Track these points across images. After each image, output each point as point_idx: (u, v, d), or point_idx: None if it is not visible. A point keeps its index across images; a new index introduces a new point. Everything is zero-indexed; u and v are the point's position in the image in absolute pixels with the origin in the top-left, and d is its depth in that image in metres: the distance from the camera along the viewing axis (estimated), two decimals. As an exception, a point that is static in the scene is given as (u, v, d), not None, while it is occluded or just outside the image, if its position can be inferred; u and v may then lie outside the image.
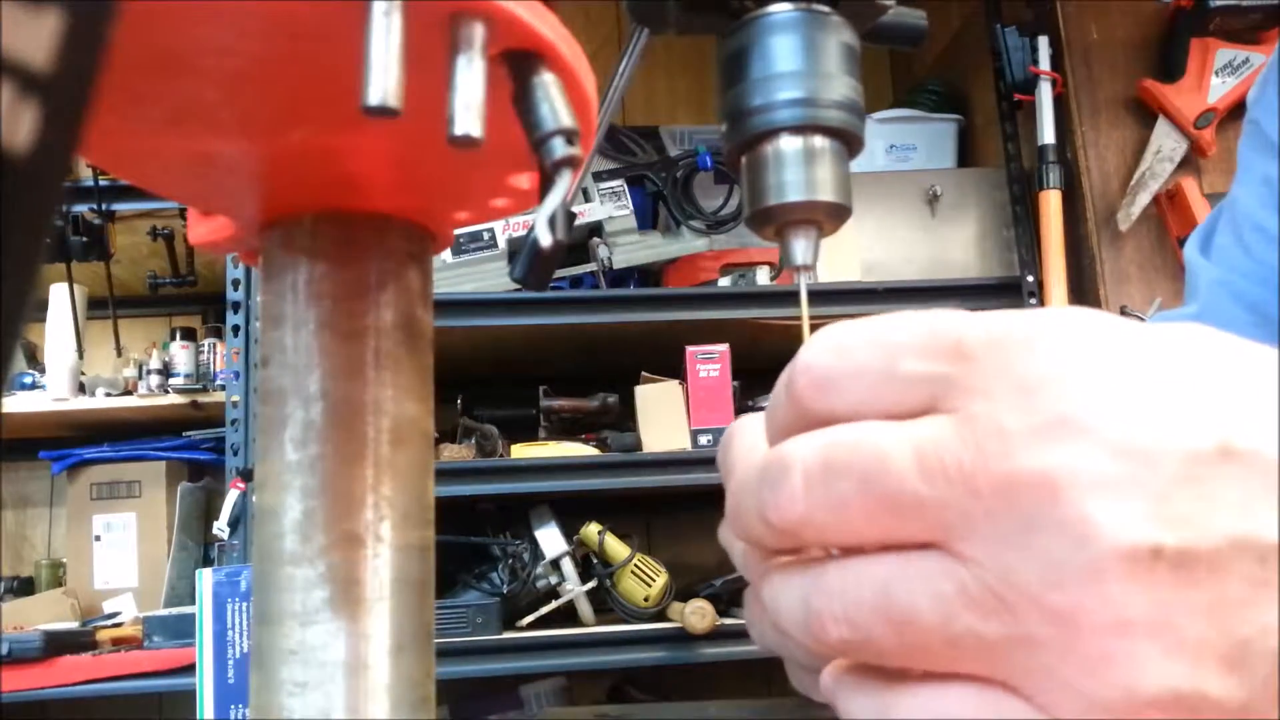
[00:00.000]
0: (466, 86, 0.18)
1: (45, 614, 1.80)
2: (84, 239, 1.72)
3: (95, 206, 1.69)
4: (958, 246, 1.76)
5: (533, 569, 1.55)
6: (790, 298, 1.59)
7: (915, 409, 0.23)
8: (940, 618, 0.22)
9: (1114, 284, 1.65)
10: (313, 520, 0.25)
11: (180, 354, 1.95)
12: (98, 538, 1.97)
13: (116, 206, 1.71)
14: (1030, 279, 1.69)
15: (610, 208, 1.73)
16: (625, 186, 1.76)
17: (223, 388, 1.78)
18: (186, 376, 1.93)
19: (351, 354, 0.26)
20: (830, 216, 0.33)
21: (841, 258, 1.70)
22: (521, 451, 1.58)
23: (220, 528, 1.55)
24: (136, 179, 0.26)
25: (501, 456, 1.61)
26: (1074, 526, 0.20)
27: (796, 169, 0.32)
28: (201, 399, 1.89)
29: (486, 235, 1.64)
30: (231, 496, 1.56)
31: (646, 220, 1.83)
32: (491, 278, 1.62)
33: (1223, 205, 0.62)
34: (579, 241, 1.70)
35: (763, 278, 1.72)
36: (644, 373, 1.64)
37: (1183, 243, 0.66)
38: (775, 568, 0.26)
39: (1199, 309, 0.60)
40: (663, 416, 1.59)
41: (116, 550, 1.97)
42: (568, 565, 1.54)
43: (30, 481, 2.16)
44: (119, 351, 1.90)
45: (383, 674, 0.25)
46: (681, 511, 1.90)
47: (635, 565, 1.55)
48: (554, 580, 1.55)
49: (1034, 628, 0.21)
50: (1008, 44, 1.74)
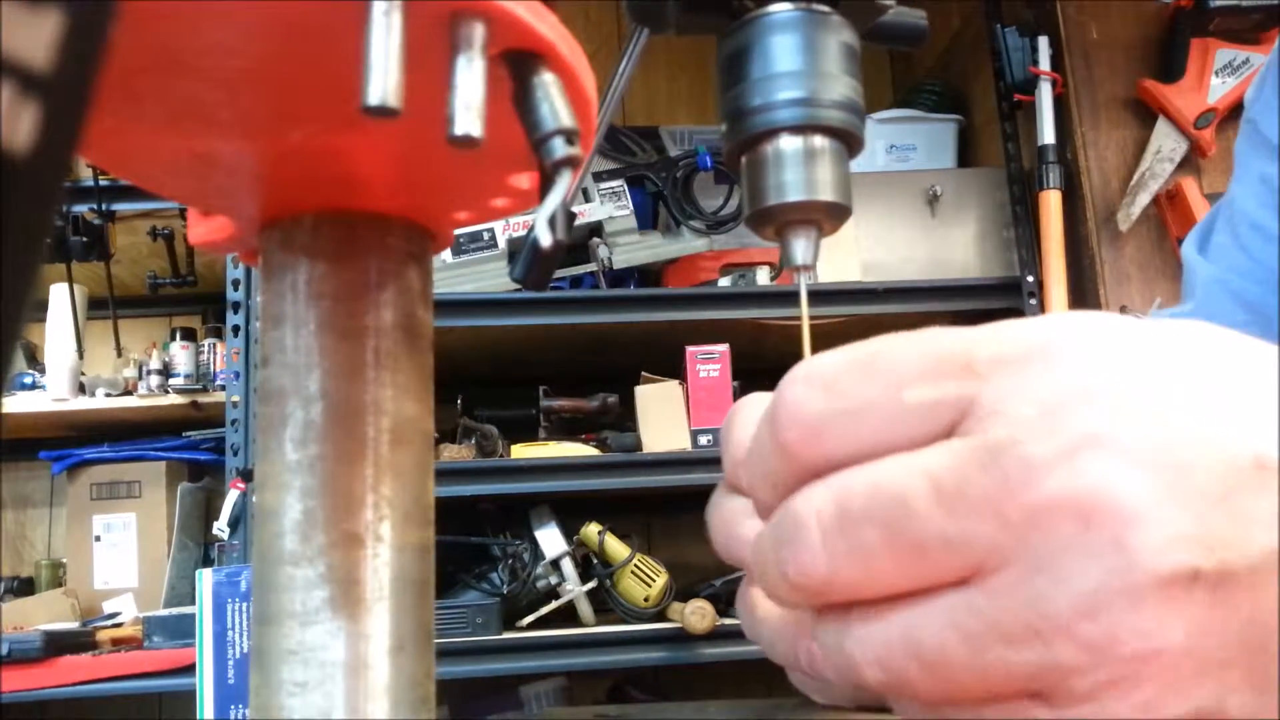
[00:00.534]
0: (466, 86, 0.18)
1: (45, 614, 1.79)
2: (84, 239, 1.72)
3: (95, 206, 1.69)
4: (958, 246, 1.76)
5: (533, 569, 1.55)
6: (790, 298, 1.59)
7: (927, 440, 0.22)
8: (970, 654, 0.21)
9: (1114, 284, 1.65)
10: (313, 520, 0.25)
11: (180, 354, 1.95)
12: (98, 538, 1.97)
13: (116, 206, 1.71)
14: (1030, 279, 1.69)
15: (610, 208, 1.73)
16: (625, 186, 1.76)
17: (223, 388, 1.78)
18: (186, 377, 1.93)
19: (351, 354, 0.26)
20: (830, 216, 0.33)
21: (841, 258, 1.70)
22: (521, 451, 1.58)
23: (220, 528, 1.55)
24: (136, 179, 0.26)
25: (501, 456, 1.61)
26: (1111, 552, 0.20)
27: (796, 169, 0.32)
28: (201, 399, 1.89)
29: (486, 235, 1.64)
30: (231, 496, 1.56)
31: (646, 220, 1.83)
32: (491, 278, 1.62)
33: (1221, 204, 0.62)
34: (579, 241, 1.70)
35: (763, 278, 1.72)
36: (644, 373, 1.64)
37: (1183, 243, 0.66)
38: (812, 616, 0.25)
39: (1195, 307, 0.61)
40: (663, 416, 1.59)
41: (116, 550, 1.97)
42: (568, 565, 1.54)
43: (30, 481, 2.16)
44: (119, 351, 1.90)
45: (383, 674, 0.25)
46: (681, 512, 1.90)
47: (635, 565, 1.55)
48: (554, 580, 1.55)
49: (1065, 655, 0.20)
50: (1008, 44, 1.74)
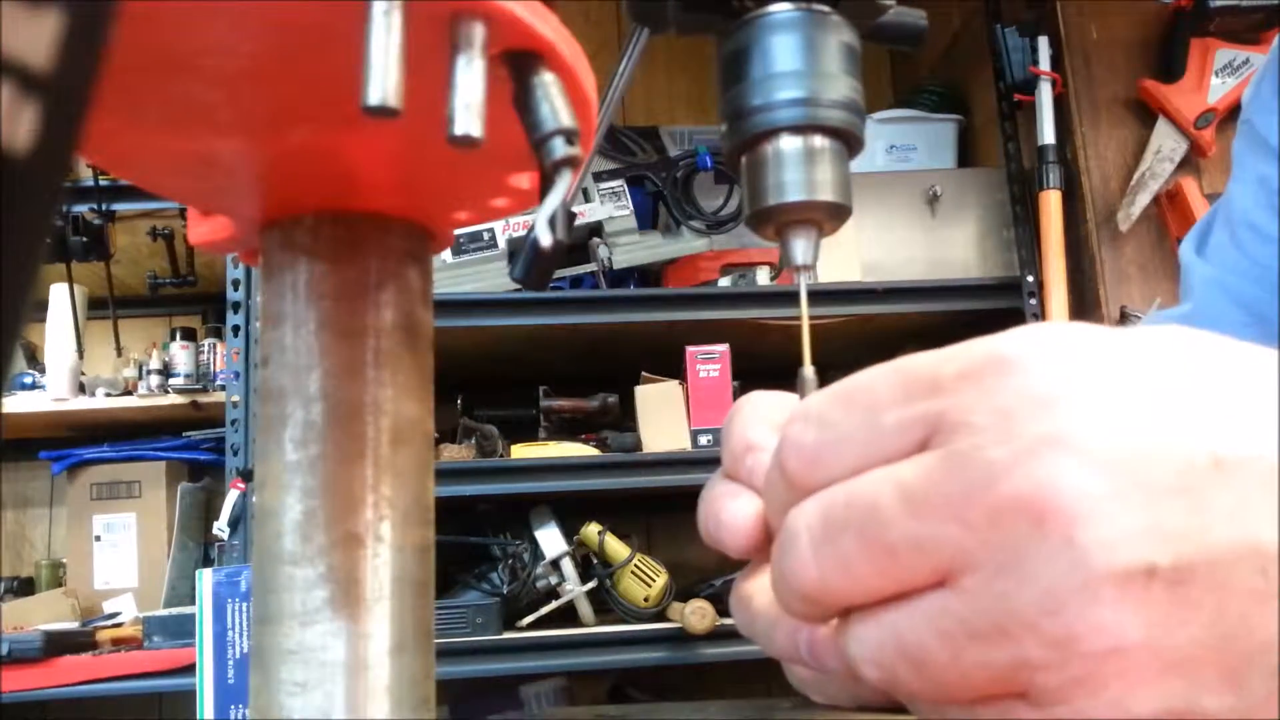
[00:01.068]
0: (466, 86, 0.18)
1: (45, 614, 1.79)
2: (84, 239, 1.72)
3: (95, 206, 1.69)
4: (958, 246, 1.76)
5: (533, 569, 1.55)
6: (790, 298, 1.59)
7: (904, 457, 0.23)
8: (950, 654, 0.22)
9: (1114, 284, 1.65)
10: (313, 520, 0.25)
11: (180, 354, 1.95)
12: (98, 538, 1.97)
13: (116, 206, 1.71)
14: (1030, 279, 1.69)
15: (610, 208, 1.73)
16: (625, 186, 1.76)
17: (223, 388, 1.78)
18: (186, 376, 1.93)
19: (351, 354, 0.26)
20: (830, 216, 0.33)
21: (841, 258, 1.70)
22: (521, 452, 1.58)
23: (220, 528, 1.55)
24: (136, 179, 0.26)
25: (501, 457, 1.61)
26: (1064, 550, 0.20)
27: (796, 169, 0.32)
28: (201, 399, 1.89)
29: (486, 235, 1.64)
30: (231, 496, 1.56)
31: (646, 220, 1.83)
32: (491, 278, 1.62)
33: (1218, 204, 0.62)
34: (579, 241, 1.70)
35: (763, 278, 1.72)
36: (644, 373, 1.64)
37: (1185, 237, 0.66)
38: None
39: (1192, 308, 0.61)
40: (663, 417, 1.59)
41: (116, 550, 1.97)
42: (568, 565, 1.54)
43: (30, 481, 2.16)
44: (119, 351, 1.90)
45: (383, 674, 0.25)
46: (681, 512, 1.90)
47: (635, 565, 1.55)
48: (554, 580, 1.55)
49: (1033, 652, 0.21)
50: (1008, 44, 1.74)
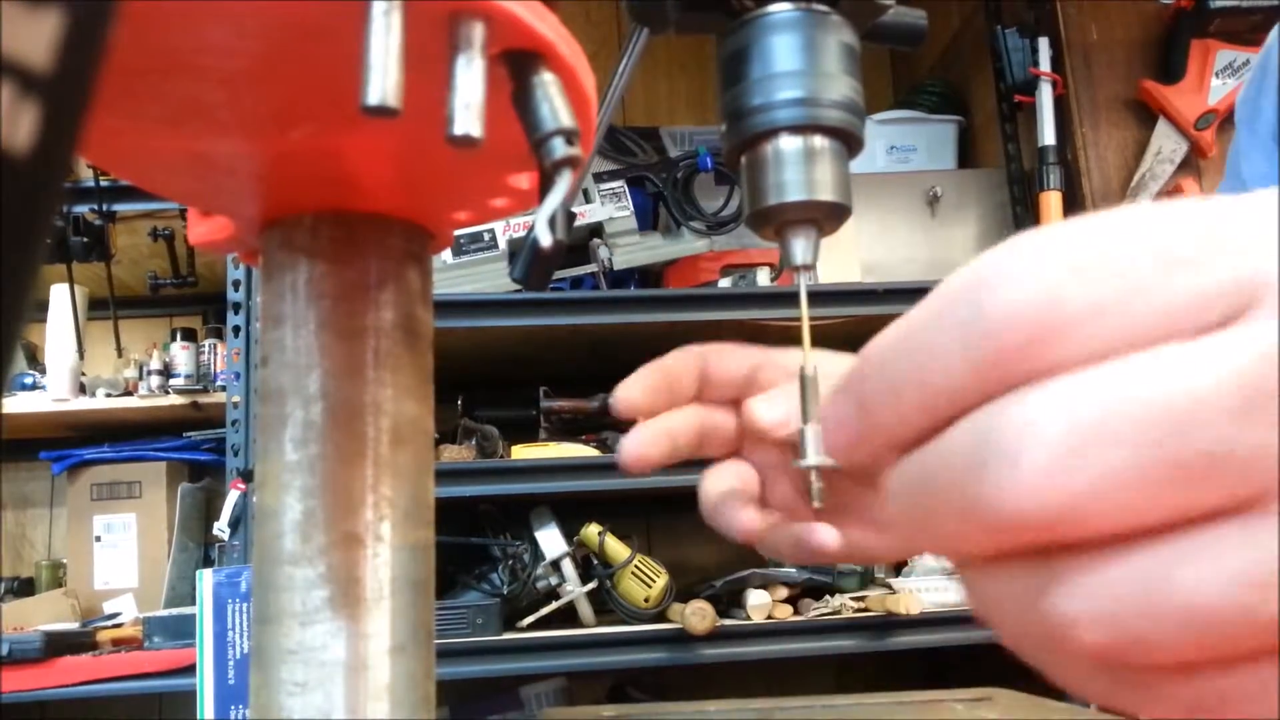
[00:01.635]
0: (466, 86, 0.18)
1: (45, 614, 1.79)
2: (84, 239, 1.72)
3: (95, 207, 1.69)
4: (958, 247, 1.76)
5: (533, 570, 1.55)
6: (790, 298, 1.59)
7: (1195, 336, 0.17)
8: (1249, 603, 0.16)
9: (1114, 284, 1.65)
10: (313, 520, 0.25)
11: (180, 354, 1.95)
12: (98, 538, 1.97)
13: (117, 207, 1.71)
14: (1030, 279, 1.69)
15: (610, 208, 1.73)
16: (625, 187, 1.76)
17: (223, 388, 1.78)
18: (187, 377, 1.93)
19: (351, 354, 0.26)
20: (830, 216, 0.33)
21: (842, 258, 1.70)
22: (521, 452, 1.58)
23: (220, 528, 1.55)
24: (136, 179, 0.26)
25: (501, 457, 1.61)
26: None
27: (796, 169, 0.32)
28: (202, 399, 1.89)
29: (486, 235, 1.64)
30: (232, 497, 1.56)
31: (647, 221, 1.83)
32: (491, 278, 1.62)
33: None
34: (579, 242, 1.70)
35: (763, 278, 1.72)
36: (644, 373, 1.64)
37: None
38: (988, 566, 0.19)
39: None
40: (663, 417, 1.58)
41: (116, 551, 1.97)
42: (568, 566, 1.54)
43: (30, 481, 2.16)
44: (119, 352, 1.90)
45: (383, 674, 0.25)
46: (682, 512, 1.90)
47: (635, 566, 1.55)
48: (554, 581, 1.55)
49: None
50: (1008, 45, 1.74)
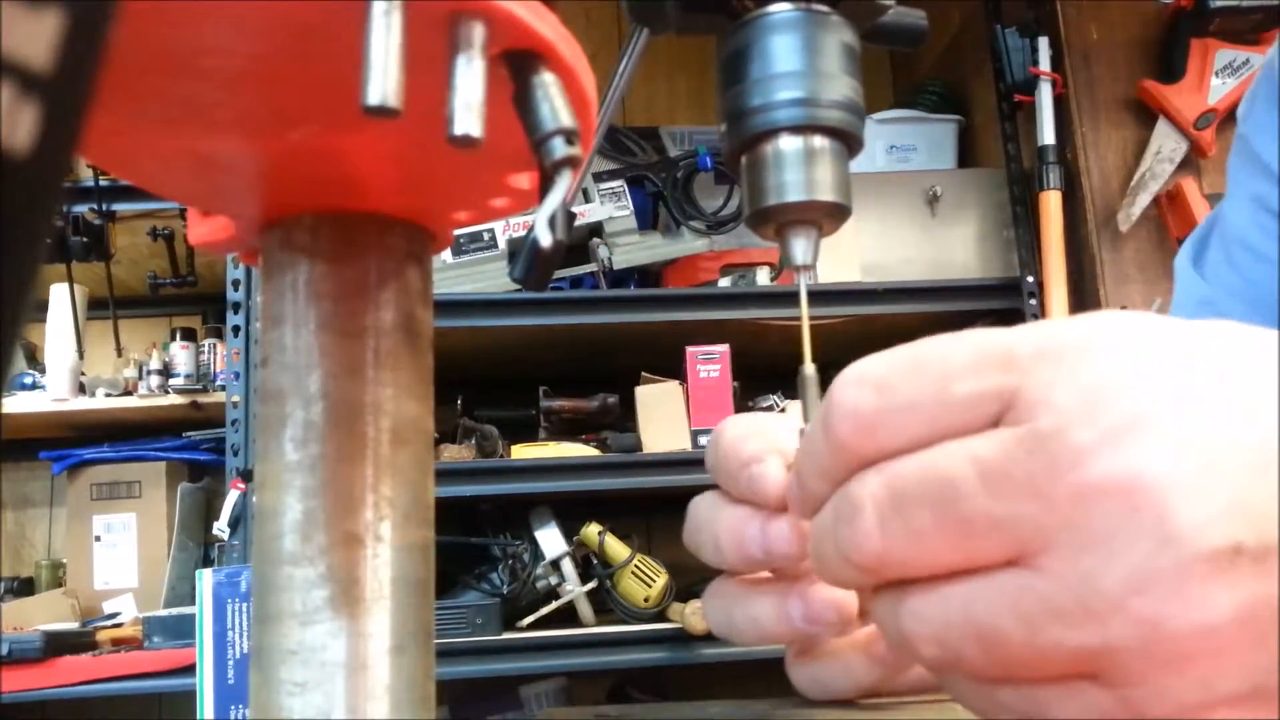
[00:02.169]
0: (466, 86, 0.18)
1: (45, 614, 1.79)
2: (84, 239, 1.72)
3: (95, 206, 1.69)
4: (958, 247, 1.76)
5: (533, 569, 1.55)
6: (790, 298, 1.59)
7: (973, 431, 0.23)
8: (1026, 632, 0.22)
9: (1114, 285, 1.65)
10: (313, 520, 0.25)
11: (180, 354, 1.95)
12: (98, 538, 1.97)
13: (116, 206, 1.71)
14: (1030, 280, 1.69)
15: (610, 208, 1.73)
16: (625, 187, 1.76)
17: (223, 388, 1.78)
18: (187, 377, 1.93)
19: (351, 354, 0.26)
20: (830, 217, 0.33)
21: (841, 258, 1.70)
22: (521, 452, 1.58)
23: (220, 528, 1.55)
24: (136, 179, 0.26)
25: (501, 457, 1.61)
26: (1156, 530, 0.20)
27: (796, 169, 0.32)
28: (201, 399, 1.89)
29: (486, 235, 1.64)
30: (231, 497, 1.56)
31: (646, 221, 1.83)
32: (491, 278, 1.62)
33: (1215, 214, 0.61)
34: (579, 242, 1.70)
35: (763, 278, 1.72)
36: (644, 373, 1.64)
37: (1183, 243, 0.65)
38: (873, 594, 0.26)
39: None
40: (663, 417, 1.59)
41: (116, 550, 1.97)
42: (568, 566, 1.54)
43: (30, 481, 2.16)
44: (119, 352, 1.90)
45: (383, 674, 0.25)
46: (681, 512, 1.89)
47: (635, 566, 1.55)
48: (554, 581, 1.55)
49: (1118, 631, 0.21)
50: (1008, 44, 1.74)
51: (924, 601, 0.24)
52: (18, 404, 1.87)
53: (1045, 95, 1.69)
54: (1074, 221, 1.69)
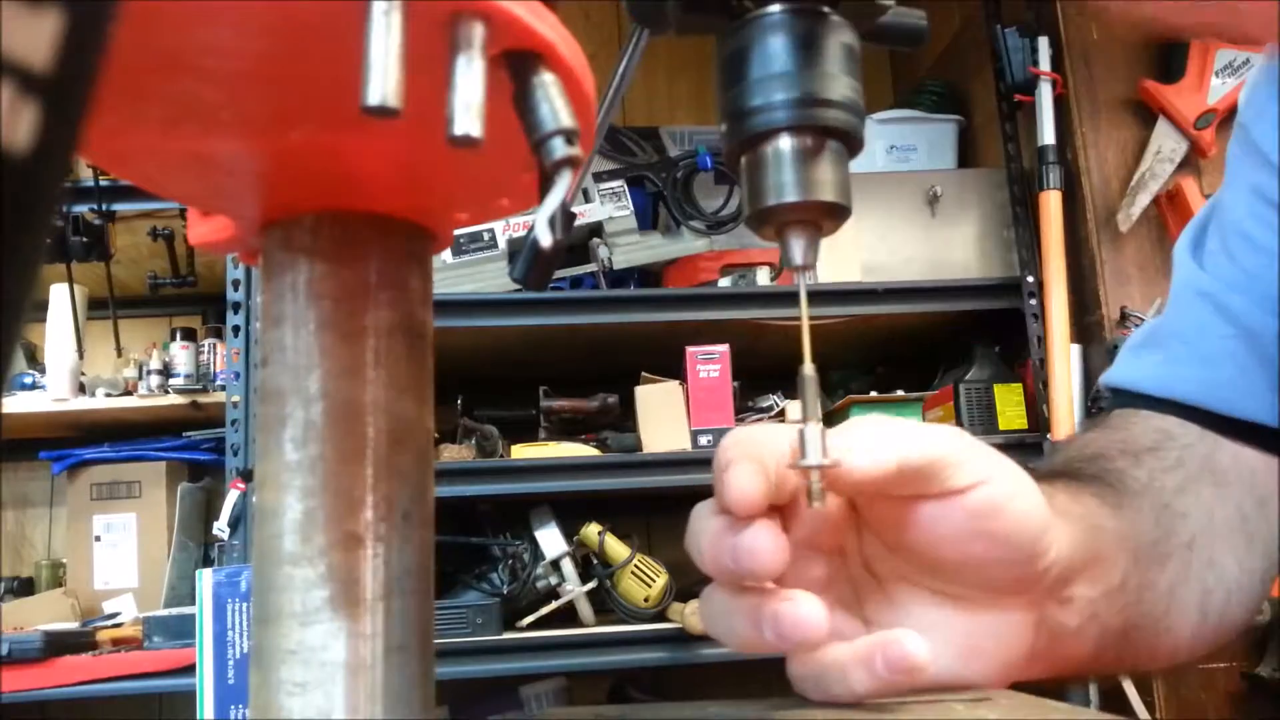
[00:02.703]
0: (466, 86, 0.18)
1: (45, 614, 1.79)
2: (84, 239, 1.72)
3: (95, 206, 1.69)
4: (958, 247, 1.76)
5: (533, 569, 1.55)
6: (790, 298, 1.59)
7: None
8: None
9: (1114, 284, 1.65)
10: (313, 520, 0.25)
11: (180, 354, 1.95)
12: (98, 538, 1.97)
13: (116, 206, 1.70)
14: (1030, 279, 1.69)
15: (610, 208, 1.73)
16: (625, 187, 1.76)
17: (223, 388, 1.78)
18: (186, 377, 1.93)
19: (351, 354, 0.26)
20: (830, 217, 0.33)
21: (842, 258, 1.70)
22: (521, 452, 1.58)
23: (220, 528, 1.55)
24: (136, 179, 0.26)
25: (501, 457, 1.61)
26: None
27: (796, 169, 0.32)
28: (201, 399, 1.89)
29: (486, 235, 1.64)
30: (231, 497, 1.56)
31: (646, 221, 1.83)
32: (491, 278, 1.62)
33: (1212, 205, 0.60)
34: (579, 242, 1.70)
35: (763, 278, 1.72)
36: (644, 373, 1.64)
37: (1183, 230, 0.64)
38: None
39: (1177, 322, 0.57)
40: (663, 417, 1.59)
41: (116, 550, 1.97)
42: (568, 566, 1.54)
43: (30, 481, 2.16)
44: (119, 352, 1.89)
45: (383, 674, 0.25)
46: (681, 512, 1.88)
47: (635, 566, 1.55)
48: (554, 581, 1.55)
49: None
50: (1008, 44, 1.74)
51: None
52: (18, 404, 1.86)
53: (1045, 95, 1.69)
54: (1074, 221, 1.69)
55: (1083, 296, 1.67)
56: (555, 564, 1.55)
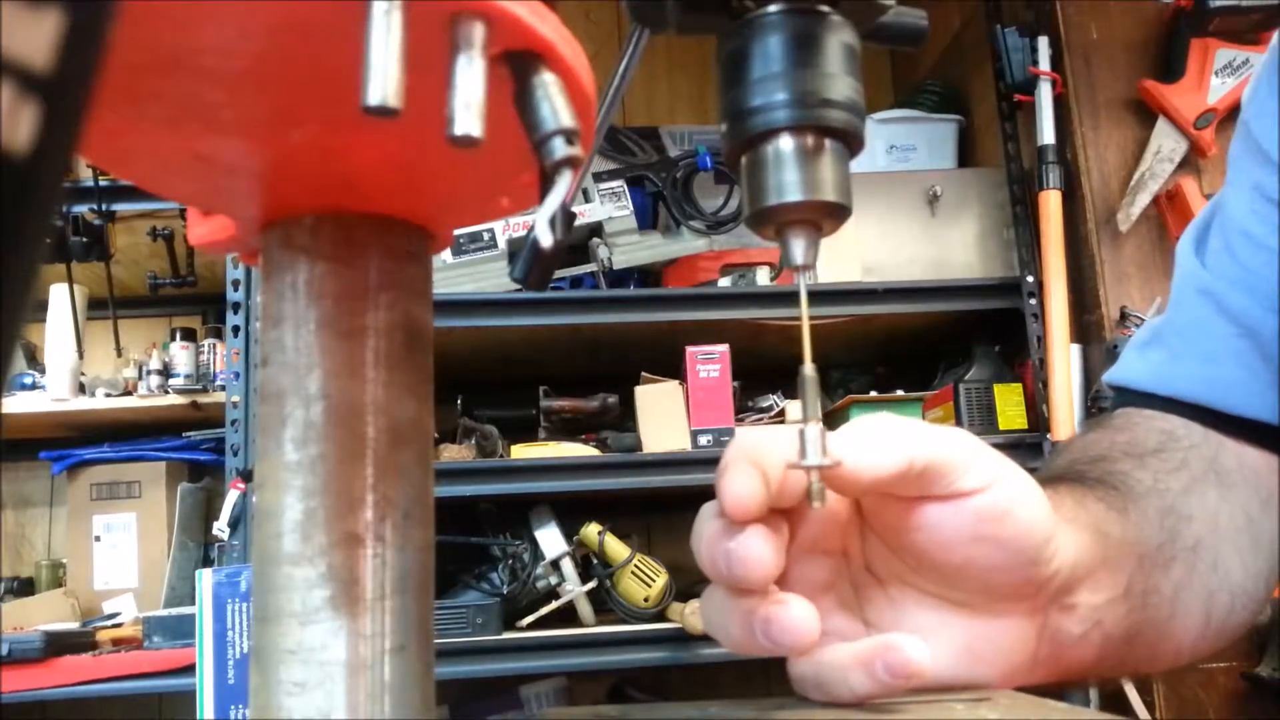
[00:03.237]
0: (466, 86, 0.18)
1: (45, 614, 1.79)
2: (84, 239, 1.72)
3: (95, 206, 1.69)
4: (958, 246, 1.76)
5: (533, 569, 1.55)
6: (790, 298, 1.59)
7: None
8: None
9: (1114, 284, 1.65)
10: (313, 520, 0.25)
11: (180, 354, 1.95)
12: (98, 538, 1.97)
13: (116, 206, 1.70)
14: (1030, 279, 1.69)
15: (610, 208, 1.73)
16: (625, 187, 1.76)
17: (223, 388, 1.78)
18: (186, 377, 1.93)
19: (351, 354, 0.26)
20: (830, 217, 0.33)
21: (842, 258, 1.70)
22: (521, 452, 1.58)
23: (220, 528, 1.55)
24: (136, 179, 0.26)
25: (501, 457, 1.61)
26: None
27: (796, 169, 0.32)
28: (201, 399, 1.89)
29: (486, 235, 1.64)
30: (231, 497, 1.56)
31: (646, 220, 1.83)
32: (491, 278, 1.62)
33: (1215, 203, 0.60)
34: (579, 242, 1.70)
35: (763, 278, 1.72)
36: (644, 373, 1.64)
37: (1186, 228, 0.63)
38: None
39: (1179, 320, 0.57)
40: (663, 417, 1.59)
41: (116, 550, 1.97)
42: (568, 566, 1.54)
43: (30, 481, 2.16)
44: (119, 352, 1.89)
45: (383, 674, 0.25)
46: (681, 512, 1.89)
47: (635, 566, 1.55)
48: (554, 581, 1.55)
49: None
50: (1008, 44, 1.74)
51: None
52: (18, 404, 1.86)
53: (1045, 95, 1.69)
54: (1074, 221, 1.69)
55: (1082, 296, 1.67)
56: (555, 564, 1.55)
